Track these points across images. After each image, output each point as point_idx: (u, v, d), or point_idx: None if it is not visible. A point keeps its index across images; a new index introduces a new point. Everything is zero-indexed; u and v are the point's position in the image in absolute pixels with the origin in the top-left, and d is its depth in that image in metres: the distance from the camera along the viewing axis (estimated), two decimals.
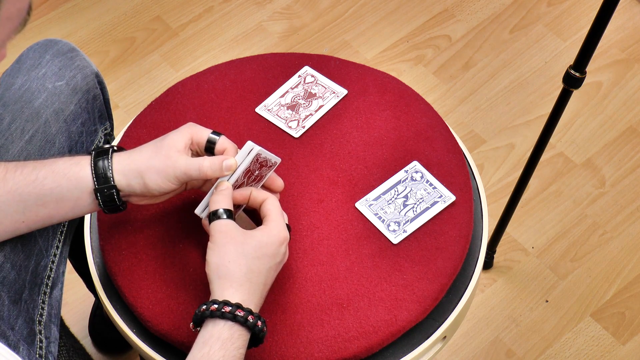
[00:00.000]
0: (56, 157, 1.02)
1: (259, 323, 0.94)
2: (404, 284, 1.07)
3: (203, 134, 1.02)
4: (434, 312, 1.09)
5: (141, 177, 0.99)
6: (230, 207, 0.98)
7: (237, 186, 1.02)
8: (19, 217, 1.00)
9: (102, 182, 0.99)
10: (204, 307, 0.93)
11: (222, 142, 1.02)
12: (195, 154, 1.04)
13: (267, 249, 0.97)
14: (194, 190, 1.13)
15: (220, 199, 0.99)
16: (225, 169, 1.00)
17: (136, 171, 0.99)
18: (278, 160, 1.04)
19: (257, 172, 1.03)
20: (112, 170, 0.99)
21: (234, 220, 0.98)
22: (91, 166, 0.99)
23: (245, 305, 0.93)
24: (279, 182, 1.06)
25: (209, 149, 1.02)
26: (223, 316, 0.92)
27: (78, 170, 1.00)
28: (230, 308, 0.92)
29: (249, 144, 1.00)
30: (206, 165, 0.99)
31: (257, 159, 1.01)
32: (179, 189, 1.04)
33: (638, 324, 1.71)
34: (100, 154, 1.00)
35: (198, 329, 0.95)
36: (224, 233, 0.96)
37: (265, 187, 1.06)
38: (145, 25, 2.10)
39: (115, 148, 1.02)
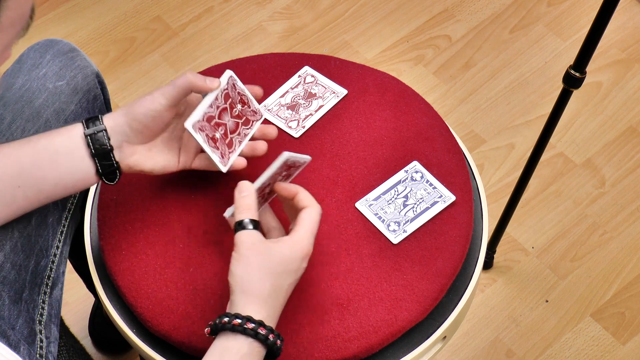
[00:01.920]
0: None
1: (278, 342, 0.93)
2: (404, 284, 1.07)
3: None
4: (434, 312, 1.09)
5: (128, 108, 1.01)
6: (256, 217, 0.96)
7: (262, 188, 1.00)
8: (14, 181, 0.99)
9: (91, 125, 1.00)
10: (226, 319, 0.92)
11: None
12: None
13: (291, 265, 0.95)
14: (194, 191, 1.13)
15: (245, 208, 0.97)
16: (209, 81, 1.02)
17: (124, 108, 1.02)
18: (308, 158, 1.02)
19: (284, 173, 1.02)
20: (101, 118, 1.01)
21: (260, 229, 0.97)
22: (82, 122, 1.01)
23: (267, 322, 0.93)
24: (271, 130, 1.09)
25: None
26: (244, 332, 0.91)
27: (70, 127, 1.01)
28: (253, 325, 0.91)
29: (284, 155, 0.98)
30: (191, 75, 1.00)
31: (286, 163, 1.00)
32: (167, 155, 1.05)
33: (638, 324, 1.71)
34: (90, 117, 1.02)
35: (213, 336, 0.94)
36: (250, 245, 0.95)
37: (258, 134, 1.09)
38: (145, 25, 2.10)
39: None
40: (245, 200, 0.97)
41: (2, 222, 1.03)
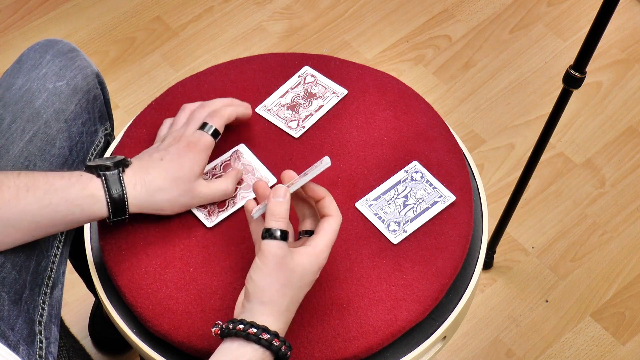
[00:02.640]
0: (65, 177, 1.02)
1: (289, 353, 0.94)
2: (404, 284, 1.07)
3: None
4: (434, 312, 1.09)
5: (157, 206, 1.05)
6: (286, 228, 0.94)
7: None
8: (30, 233, 1.02)
9: (118, 214, 1.04)
10: (241, 326, 0.91)
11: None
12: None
13: (308, 277, 0.95)
14: None
15: (279, 216, 0.93)
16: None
17: (153, 203, 1.05)
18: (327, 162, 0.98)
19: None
20: (127, 202, 1.03)
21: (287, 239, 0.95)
22: (106, 199, 1.02)
23: (281, 334, 0.93)
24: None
25: None
26: (259, 342, 0.91)
27: (93, 203, 1.02)
28: (269, 337, 0.91)
29: (326, 159, 0.96)
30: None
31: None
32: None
33: (638, 324, 1.71)
34: (111, 179, 1.02)
35: (220, 337, 0.94)
36: (278, 259, 0.93)
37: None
38: (145, 25, 2.10)
39: (125, 164, 1.04)
40: (280, 208, 0.94)
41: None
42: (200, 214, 1.10)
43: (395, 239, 1.10)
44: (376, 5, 2.13)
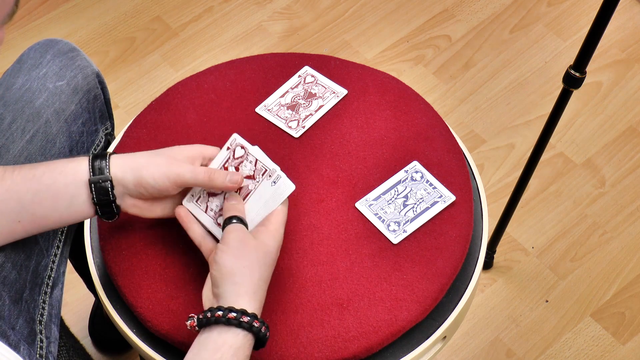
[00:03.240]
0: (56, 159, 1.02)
1: (267, 334, 0.94)
2: (404, 284, 1.07)
3: (214, 152, 1.04)
4: (434, 312, 1.09)
5: (138, 170, 0.99)
6: (242, 215, 1.00)
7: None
8: (15, 216, 0.99)
9: (98, 173, 0.99)
10: (220, 312, 0.92)
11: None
12: None
13: (273, 256, 0.98)
14: None
15: (233, 209, 1.00)
16: (230, 181, 1.01)
17: (133, 163, 1.00)
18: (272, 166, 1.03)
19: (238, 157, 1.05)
20: (109, 164, 0.99)
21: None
22: (89, 162, 0.99)
23: (258, 314, 0.94)
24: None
25: None
26: (240, 325, 0.91)
27: (75, 166, 1.00)
28: (249, 318, 0.92)
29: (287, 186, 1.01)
30: (218, 172, 1.00)
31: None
32: (166, 207, 1.05)
33: (638, 324, 1.71)
34: (99, 155, 1.00)
35: (197, 329, 0.94)
36: (240, 238, 0.96)
37: None
38: (145, 25, 2.10)
39: (114, 153, 1.02)
40: (238, 206, 1.00)
41: None
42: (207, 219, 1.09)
43: (395, 239, 1.10)
44: (376, 5, 2.13)
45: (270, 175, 1.01)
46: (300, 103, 1.21)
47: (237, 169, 1.04)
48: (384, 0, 2.14)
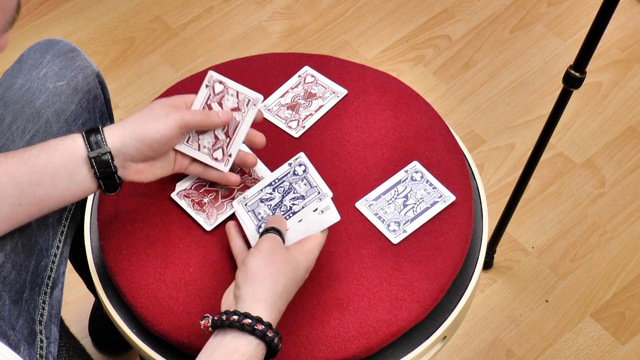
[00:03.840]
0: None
1: (279, 346, 0.94)
2: (404, 284, 1.07)
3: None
4: (434, 312, 1.09)
5: (139, 131, 0.99)
6: (283, 230, 1.01)
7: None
8: (15, 200, 0.98)
9: (95, 147, 0.98)
10: (235, 317, 0.91)
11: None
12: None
13: (301, 273, 0.98)
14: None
15: (278, 221, 1.02)
16: (222, 115, 1.04)
17: (131, 128, 1.00)
18: (255, 96, 1.06)
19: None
20: (104, 136, 0.99)
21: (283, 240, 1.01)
22: (83, 136, 0.99)
23: (274, 325, 0.93)
24: (260, 138, 1.09)
25: None
26: (253, 333, 0.91)
27: (70, 142, 0.99)
28: (263, 327, 0.91)
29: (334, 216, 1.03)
30: (211, 111, 1.03)
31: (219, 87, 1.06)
32: (164, 164, 1.05)
33: (638, 324, 1.71)
34: (92, 130, 1.00)
35: (211, 329, 0.94)
36: (273, 246, 0.97)
37: (247, 142, 1.09)
38: (145, 25, 2.10)
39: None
40: (279, 220, 1.03)
41: (3, 233, 1.03)
42: (200, 218, 1.10)
43: (395, 239, 1.10)
44: (376, 5, 2.13)
45: (320, 200, 1.03)
46: (300, 103, 1.21)
47: (220, 104, 1.06)
48: (384, 0, 2.14)
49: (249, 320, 0.91)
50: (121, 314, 1.10)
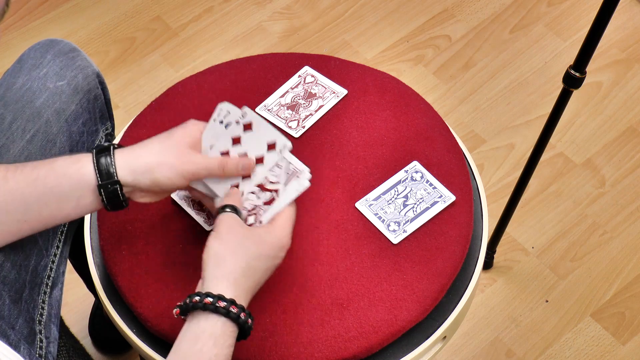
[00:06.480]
0: (55, 157, 1.01)
1: (249, 321, 0.93)
2: (404, 284, 1.07)
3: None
4: (434, 312, 1.09)
5: (151, 172, 0.98)
6: (239, 205, 0.99)
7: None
8: (20, 216, 0.99)
9: (105, 177, 0.98)
10: (197, 298, 0.91)
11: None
12: None
13: (267, 249, 0.97)
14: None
15: (232, 197, 1.00)
16: (242, 168, 1.01)
17: (145, 166, 0.98)
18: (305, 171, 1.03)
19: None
20: (115, 166, 0.98)
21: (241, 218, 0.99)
22: (93, 163, 0.98)
23: (238, 301, 0.93)
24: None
25: None
26: (216, 310, 0.90)
27: (79, 168, 0.98)
28: (225, 304, 0.91)
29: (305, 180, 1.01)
30: (230, 162, 1.00)
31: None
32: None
33: (638, 324, 1.71)
34: (102, 151, 0.99)
35: (182, 317, 0.94)
36: (229, 225, 0.96)
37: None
38: (145, 25, 2.10)
39: (115, 145, 1.01)
40: (232, 196, 1.01)
41: (5, 244, 1.03)
42: (200, 218, 1.10)
43: (395, 239, 1.10)
44: (376, 5, 2.13)
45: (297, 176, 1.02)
46: (300, 103, 1.21)
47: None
48: (384, 0, 2.14)
49: (210, 299, 0.91)
50: (121, 314, 1.10)
